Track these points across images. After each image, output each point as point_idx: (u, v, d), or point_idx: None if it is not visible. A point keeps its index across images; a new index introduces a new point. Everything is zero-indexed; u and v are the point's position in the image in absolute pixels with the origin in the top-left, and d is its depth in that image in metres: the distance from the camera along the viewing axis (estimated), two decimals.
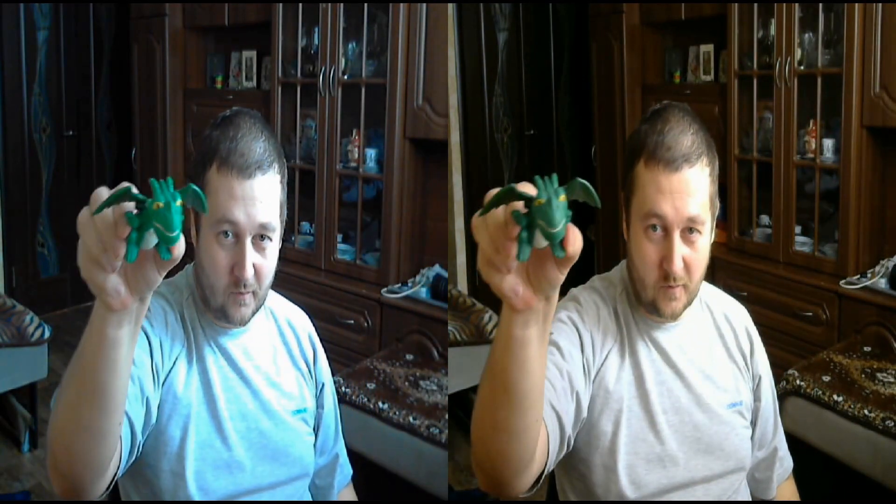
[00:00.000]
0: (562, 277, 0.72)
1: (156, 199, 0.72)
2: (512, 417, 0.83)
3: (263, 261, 1.11)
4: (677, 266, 1.10)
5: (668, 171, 1.09)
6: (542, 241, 0.69)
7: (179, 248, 0.73)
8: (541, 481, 1.00)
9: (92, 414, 0.83)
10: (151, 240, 0.74)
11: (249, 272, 1.09)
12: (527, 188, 0.68)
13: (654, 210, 1.10)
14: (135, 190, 0.73)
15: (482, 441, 0.89)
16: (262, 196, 1.09)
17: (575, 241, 0.68)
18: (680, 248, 1.11)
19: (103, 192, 0.72)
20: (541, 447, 0.95)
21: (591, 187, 0.70)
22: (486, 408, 0.86)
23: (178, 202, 0.72)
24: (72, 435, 0.85)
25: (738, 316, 1.31)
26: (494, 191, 0.70)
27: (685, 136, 1.11)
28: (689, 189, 1.10)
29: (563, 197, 0.67)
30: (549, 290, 0.74)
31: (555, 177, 0.68)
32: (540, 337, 0.77)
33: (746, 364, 1.29)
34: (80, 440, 0.85)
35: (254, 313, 1.15)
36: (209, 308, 1.14)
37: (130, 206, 0.73)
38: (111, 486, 0.95)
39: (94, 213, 0.71)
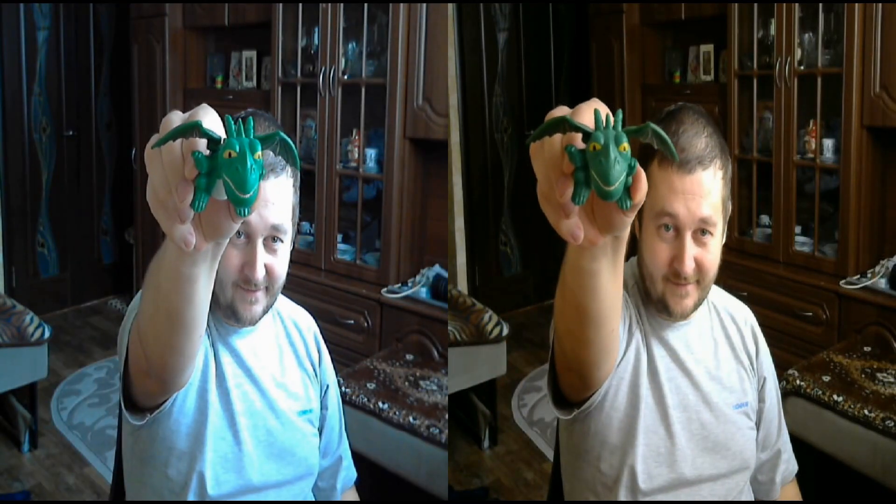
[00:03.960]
0: (628, 221, 0.65)
1: (228, 146, 0.57)
2: (585, 330, 0.86)
3: (275, 260, 1.11)
4: (688, 266, 1.11)
5: (681, 173, 1.10)
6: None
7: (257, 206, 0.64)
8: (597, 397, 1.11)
9: (171, 335, 0.85)
10: (222, 192, 0.61)
11: (260, 273, 1.09)
12: (586, 118, 0.58)
13: (667, 209, 1.11)
14: (209, 124, 0.60)
15: (559, 341, 0.95)
16: (274, 198, 1.09)
17: (641, 186, 0.60)
18: (691, 249, 1.11)
19: (175, 119, 0.63)
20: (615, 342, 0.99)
21: (667, 136, 0.58)
22: (561, 317, 0.89)
23: (258, 154, 0.58)
24: (153, 348, 0.89)
25: (743, 317, 1.31)
26: (558, 110, 0.60)
27: (699, 138, 1.11)
28: (702, 191, 1.10)
29: (624, 145, 0.55)
30: (617, 231, 0.67)
31: (619, 114, 0.56)
32: (611, 266, 0.74)
33: (752, 365, 1.29)
34: (162, 353, 0.89)
35: (264, 312, 1.15)
36: (219, 306, 1.14)
37: (202, 143, 0.60)
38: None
39: (155, 145, 0.61)
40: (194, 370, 1.10)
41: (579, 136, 0.58)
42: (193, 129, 0.59)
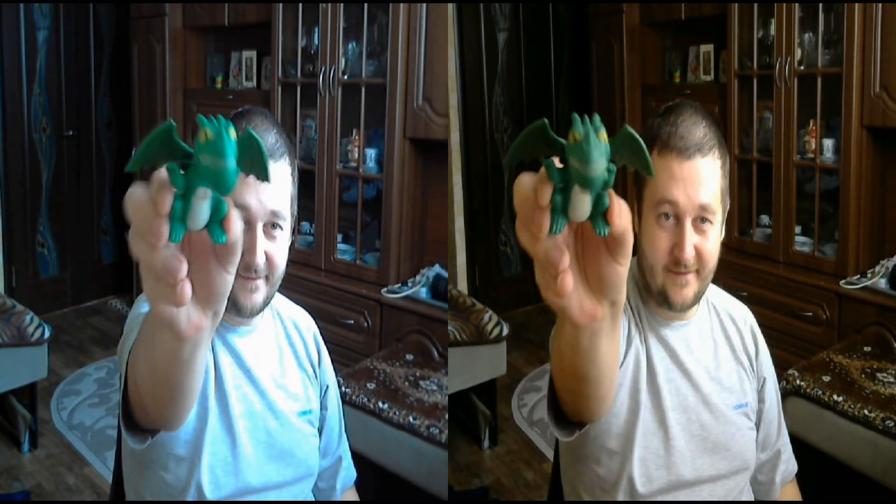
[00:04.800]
0: (622, 272, 0.61)
1: (203, 127, 0.55)
2: (584, 389, 0.84)
3: (275, 248, 1.11)
4: (688, 253, 1.11)
5: (680, 159, 1.11)
6: (580, 208, 0.56)
7: (235, 228, 0.59)
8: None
9: (169, 396, 0.81)
10: (201, 212, 0.56)
11: (261, 258, 1.08)
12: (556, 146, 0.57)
13: (667, 196, 1.11)
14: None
15: (557, 392, 0.92)
16: (273, 182, 1.09)
17: (621, 211, 0.57)
18: (691, 236, 1.11)
19: (136, 191, 0.57)
20: None
21: (642, 144, 0.56)
22: (559, 378, 0.87)
23: (233, 133, 0.55)
24: (150, 403, 0.86)
25: (743, 317, 1.31)
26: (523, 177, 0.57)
27: (698, 127, 1.13)
28: (701, 178, 1.11)
29: (603, 134, 0.54)
30: (613, 294, 0.63)
31: (596, 117, 0.56)
32: (609, 336, 0.71)
33: (752, 365, 1.29)
34: (160, 409, 0.86)
35: (265, 303, 1.14)
36: None
37: (164, 174, 0.55)
38: None
39: (130, 167, 0.57)
40: None
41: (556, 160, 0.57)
42: (167, 133, 0.56)
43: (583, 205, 0.56)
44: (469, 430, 3.22)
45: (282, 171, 1.11)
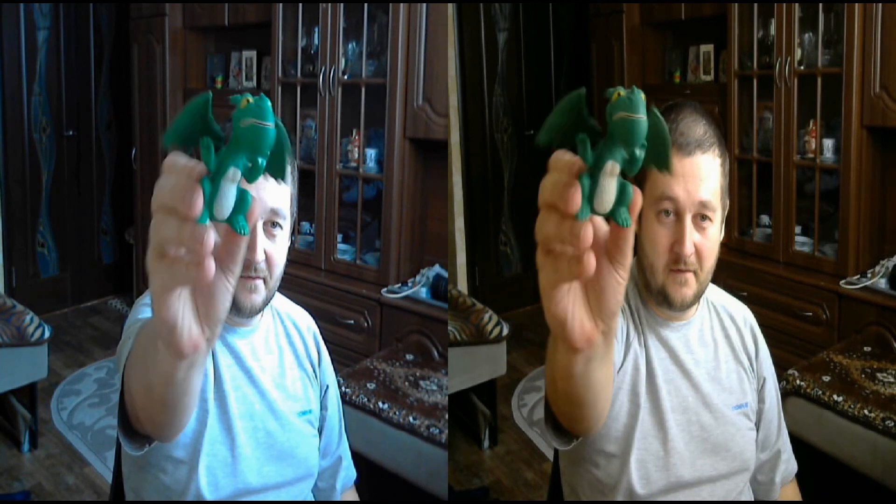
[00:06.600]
0: (621, 288, 0.60)
1: (242, 97, 0.53)
2: (580, 411, 0.83)
3: (274, 247, 1.11)
4: (688, 249, 1.10)
5: (680, 155, 1.11)
6: (607, 194, 0.53)
7: (252, 220, 0.58)
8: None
9: (165, 416, 0.81)
10: (229, 196, 0.54)
11: (260, 256, 1.08)
12: (559, 160, 0.55)
13: (667, 193, 1.11)
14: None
15: (556, 414, 0.90)
16: (272, 180, 1.09)
17: (638, 206, 0.56)
18: (691, 233, 1.11)
19: (180, 160, 0.55)
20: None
21: (667, 131, 0.53)
22: (554, 403, 0.86)
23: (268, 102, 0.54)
24: (146, 420, 0.85)
25: (743, 317, 1.31)
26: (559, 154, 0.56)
27: (698, 125, 1.13)
28: (701, 174, 1.11)
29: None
30: (609, 315, 0.61)
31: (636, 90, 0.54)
32: (602, 362, 0.70)
33: (752, 365, 1.29)
34: (156, 427, 0.85)
35: (264, 304, 1.13)
36: None
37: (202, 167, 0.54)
38: None
39: (165, 143, 0.56)
40: None
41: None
42: (204, 105, 0.55)
43: (609, 191, 0.54)
44: (469, 430, 3.22)
45: None
